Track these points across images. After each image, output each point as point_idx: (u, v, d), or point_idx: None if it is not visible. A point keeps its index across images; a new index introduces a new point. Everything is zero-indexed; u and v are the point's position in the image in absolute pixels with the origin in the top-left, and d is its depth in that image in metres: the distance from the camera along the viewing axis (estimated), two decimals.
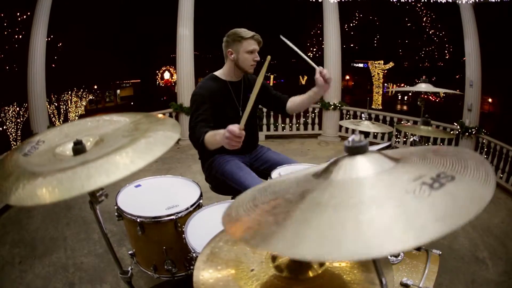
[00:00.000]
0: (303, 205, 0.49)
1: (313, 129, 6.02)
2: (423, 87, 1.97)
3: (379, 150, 0.57)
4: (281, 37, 1.63)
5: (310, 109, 5.99)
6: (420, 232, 0.37)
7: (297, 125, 6.10)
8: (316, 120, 5.97)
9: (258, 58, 1.74)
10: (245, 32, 1.69)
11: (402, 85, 20.16)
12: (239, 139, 1.29)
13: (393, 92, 22.33)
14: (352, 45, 22.85)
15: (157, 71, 21.60)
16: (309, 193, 0.52)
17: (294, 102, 1.93)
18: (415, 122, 5.15)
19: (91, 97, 16.15)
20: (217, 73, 1.82)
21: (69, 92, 14.32)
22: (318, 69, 1.65)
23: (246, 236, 0.48)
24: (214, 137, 1.48)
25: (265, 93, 1.93)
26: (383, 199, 0.44)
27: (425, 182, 0.45)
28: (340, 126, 5.84)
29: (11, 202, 0.64)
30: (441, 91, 2.00)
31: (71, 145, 0.78)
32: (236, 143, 1.30)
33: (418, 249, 1.29)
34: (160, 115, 0.96)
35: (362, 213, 0.42)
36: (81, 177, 0.64)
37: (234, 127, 1.28)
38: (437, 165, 0.51)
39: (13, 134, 11.77)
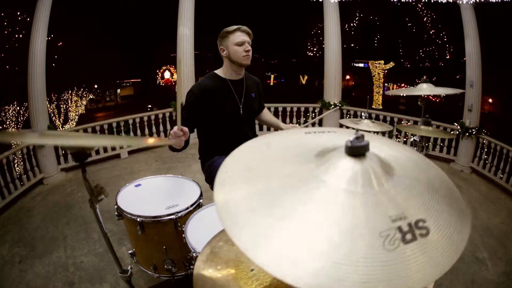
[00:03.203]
0: (278, 200, 0.47)
1: None
2: (424, 87, 1.96)
3: (379, 155, 0.55)
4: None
5: (311, 109, 6.00)
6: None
7: (297, 125, 6.10)
8: (316, 120, 5.97)
9: (249, 49, 1.75)
10: (231, 27, 1.74)
11: (403, 85, 20.13)
12: (179, 137, 1.37)
13: (387, 85, 22.16)
14: (352, 45, 22.85)
15: (157, 70, 21.61)
16: (294, 186, 0.49)
17: (264, 116, 2.10)
18: (415, 122, 5.15)
19: (91, 96, 16.14)
20: (218, 71, 1.84)
21: (69, 91, 14.32)
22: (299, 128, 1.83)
23: (226, 217, 0.46)
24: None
25: (261, 94, 2.00)
26: (360, 230, 0.42)
27: (401, 228, 0.43)
28: (341, 126, 5.84)
29: None
30: (441, 92, 1.99)
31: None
32: (178, 139, 1.38)
33: None
34: (151, 140, 0.94)
35: (325, 243, 0.41)
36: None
37: (175, 129, 1.37)
38: (423, 203, 0.48)
39: None
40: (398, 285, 0.38)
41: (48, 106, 11.25)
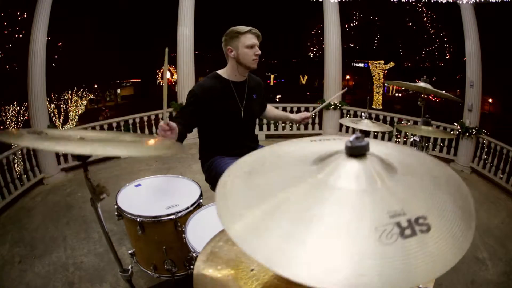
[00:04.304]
0: (276, 200, 0.48)
1: (313, 128, 6.02)
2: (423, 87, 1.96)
3: (380, 156, 0.55)
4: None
5: (311, 109, 6.00)
6: (356, 281, 0.36)
7: (297, 124, 6.09)
8: (317, 120, 5.97)
9: (259, 52, 1.71)
10: (242, 27, 1.69)
11: None
12: (166, 132, 1.32)
13: (387, 85, 22.06)
14: (352, 45, 22.85)
15: (157, 70, 21.60)
16: (291, 186, 0.50)
17: (270, 112, 2.13)
18: (415, 122, 5.15)
19: (91, 97, 16.14)
20: (220, 72, 1.81)
21: (69, 91, 14.32)
22: (310, 114, 2.08)
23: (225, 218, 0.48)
24: None
25: (262, 95, 1.98)
26: (353, 227, 0.42)
27: (399, 224, 0.43)
28: (340, 126, 5.84)
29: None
30: (440, 94, 1.99)
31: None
32: (165, 134, 1.33)
33: None
34: (152, 142, 0.91)
35: (320, 237, 0.41)
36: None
37: (161, 123, 1.33)
38: (425, 201, 0.48)
39: None
40: (396, 279, 0.37)
41: (48, 106, 11.25)
